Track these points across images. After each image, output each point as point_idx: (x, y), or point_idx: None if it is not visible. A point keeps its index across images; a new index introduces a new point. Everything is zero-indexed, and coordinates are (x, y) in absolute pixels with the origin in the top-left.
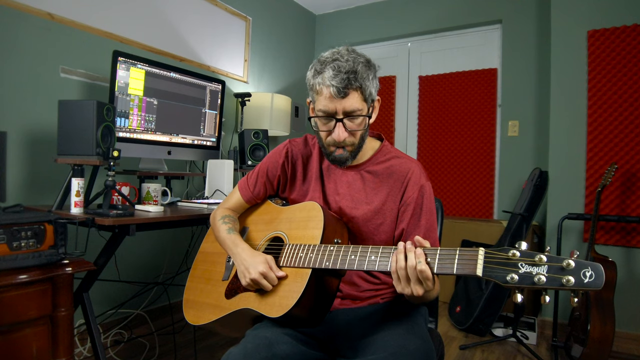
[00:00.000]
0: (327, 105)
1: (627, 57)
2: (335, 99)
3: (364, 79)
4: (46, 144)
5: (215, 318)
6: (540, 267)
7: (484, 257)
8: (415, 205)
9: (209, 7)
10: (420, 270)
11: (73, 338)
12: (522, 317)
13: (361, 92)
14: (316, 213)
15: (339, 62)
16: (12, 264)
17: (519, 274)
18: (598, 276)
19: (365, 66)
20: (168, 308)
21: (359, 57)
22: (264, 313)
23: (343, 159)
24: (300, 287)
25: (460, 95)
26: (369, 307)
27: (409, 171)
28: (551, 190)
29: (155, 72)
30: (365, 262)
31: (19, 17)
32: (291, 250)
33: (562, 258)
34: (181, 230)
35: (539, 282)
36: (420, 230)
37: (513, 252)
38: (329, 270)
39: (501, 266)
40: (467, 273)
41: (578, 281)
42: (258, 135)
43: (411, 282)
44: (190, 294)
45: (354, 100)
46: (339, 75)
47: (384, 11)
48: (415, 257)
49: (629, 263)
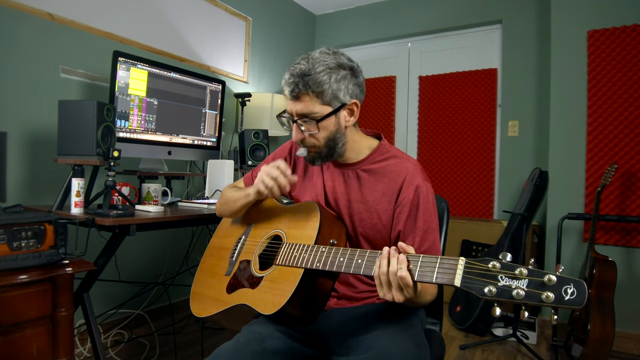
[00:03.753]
0: (286, 106)
1: (627, 57)
2: (289, 100)
3: (321, 82)
4: (46, 144)
5: (217, 311)
6: (520, 281)
7: (463, 267)
8: (411, 206)
9: (209, 7)
10: (401, 277)
11: (73, 338)
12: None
13: (316, 96)
14: (313, 213)
15: (296, 65)
16: (13, 264)
17: (498, 287)
18: (580, 294)
19: (330, 68)
20: (168, 308)
21: (327, 59)
22: (258, 310)
23: (310, 160)
24: (292, 286)
25: (460, 95)
26: (364, 307)
27: (405, 171)
28: (551, 190)
29: (156, 72)
30: (352, 265)
31: (19, 17)
32: (287, 249)
33: (544, 273)
34: (181, 231)
35: (517, 297)
36: (417, 231)
37: (494, 263)
38: (321, 271)
39: (480, 277)
40: (446, 282)
41: (558, 298)
42: (258, 135)
43: (392, 288)
44: (197, 286)
45: (308, 103)
46: (291, 79)
47: (384, 11)
48: (398, 263)
49: (629, 263)
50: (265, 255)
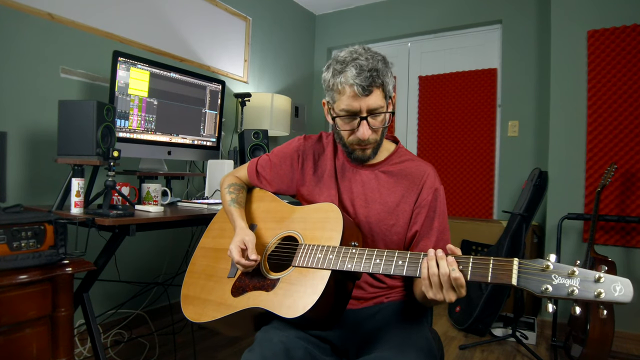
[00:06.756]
0: (350, 104)
1: (627, 57)
2: (359, 97)
3: (385, 75)
4: (46, 144)
5: (221, 316)
6: (573, 280)
7: (518, 267)
8: (429, 208)
9: (209, 7)
10: (455, 278)
11: (73, 338)
12: (522, 317)
13: (382, 90)
14: (334, 215)
15: (360, 61)
16: (12, 264)
17: (553, 286)
18: (628, 291)
19: (383, 63)
20: (168, 308)
21: (376, 55)
22: (278, 313)
23: (366, 158)
24: (319, 289)
25: (460, 95)
26: (374, 306)
27: (425, 174)
28: (551, 190)
29: (156, 72)
30: (392, 267)
31: (19, 17)
32: (308, 250)
33: (594, 272)
34: (181, 231)
35: (572, 294)
36: (433, 233)
37: (547, 264)
38: (347, 273)
39: (536, 277)
40: (502, 282)
41: (609, 295)
42: (258, 135)
43: (444, 289)
44: (190, 290)
45: (377, 97)
46: (363, 74)
47: (384, 11)
48: (448, 264)
49: (628, 263)
50: (274, 256)
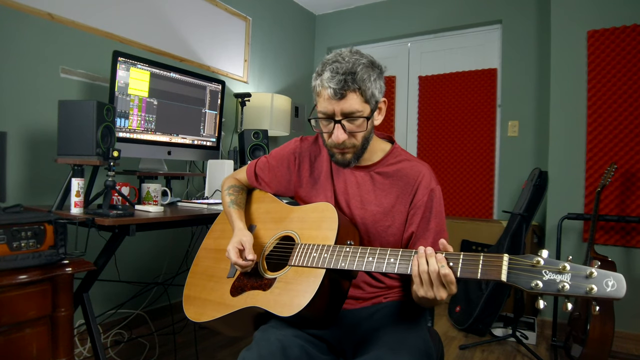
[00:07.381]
0: (326, 106)
1: (627, 57)
2: (332, 100)
3: (364, 80)
4: (46, 144)
5: (220, 315)
6: (564, 275)
7: (508, 263)
8: (425, 209)
9: (209, 7)
10: (444, 274)
11: (73, 338)
12: (522, 317)
13: (361, 94)
14: (330, 214)
15: (337, 64)
16: (12, 264)
17: (543, 281)
18: (620, 286)
19: (367, 67)
20: (168, 308)
21: (361, 59)
22: (274, 312)
23: (345, 162)
24: (313, 287)
25: (460, 96)
26: (372, 306)
27: (420, 174)
28: (551, 190)
29: (156, 72)
30: (384, 265)
31: (19, 17)
32: (304, 249)
33: (586, 267)
34: (181, 231)
35: (562, 290)
36: (429, 233)
37: (537, 259)
38: (342, 272)
39: (525, 272)
40: (492, 278)
41: (601, 290)
42: (258, 135)
43: (434, 286)
44: (191, 290)
45: (353, 101)
46: (336, 77)
47: (384, 11)
48: (437, 261)
49: (628, 263)
50: (273, 256)
